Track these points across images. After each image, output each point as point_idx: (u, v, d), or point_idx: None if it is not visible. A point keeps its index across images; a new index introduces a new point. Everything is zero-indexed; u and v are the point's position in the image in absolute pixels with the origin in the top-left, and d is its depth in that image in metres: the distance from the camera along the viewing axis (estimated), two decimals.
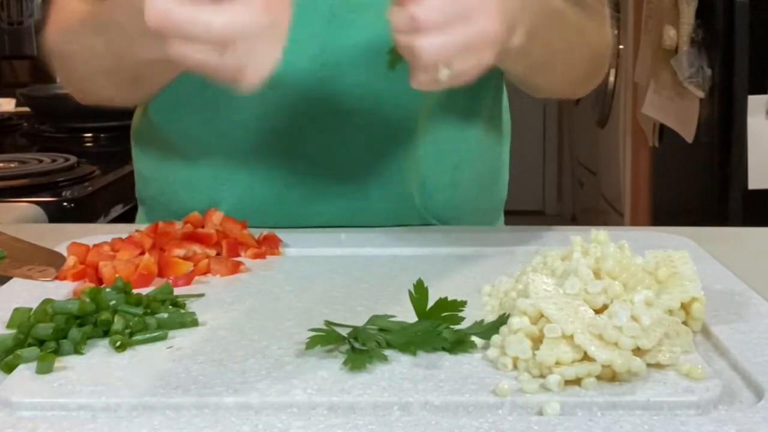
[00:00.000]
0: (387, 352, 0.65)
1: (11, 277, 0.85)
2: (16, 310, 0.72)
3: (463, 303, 0.69)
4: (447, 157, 1.06)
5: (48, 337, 0.67)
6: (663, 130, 2.97)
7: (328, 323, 0.69)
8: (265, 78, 0.71)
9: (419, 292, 0.69)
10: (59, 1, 1.03)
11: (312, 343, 0.66)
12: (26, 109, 2.43)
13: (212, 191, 1.05)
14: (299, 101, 1.00)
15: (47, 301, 0.72)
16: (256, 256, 0.91)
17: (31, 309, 0.72)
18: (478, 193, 1.11)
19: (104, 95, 1.02)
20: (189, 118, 1.05)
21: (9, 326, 0.71)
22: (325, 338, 0.66)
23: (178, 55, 0.70)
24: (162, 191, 1.10)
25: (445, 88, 0.78)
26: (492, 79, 1.09)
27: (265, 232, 0.95)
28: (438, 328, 0.67)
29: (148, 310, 0.73)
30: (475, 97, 1.07)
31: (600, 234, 0.74)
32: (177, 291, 0.79)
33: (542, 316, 0.63)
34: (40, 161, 1.83)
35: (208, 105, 1.03)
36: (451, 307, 0.69)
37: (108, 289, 0.75)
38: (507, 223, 1.20)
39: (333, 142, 1.02)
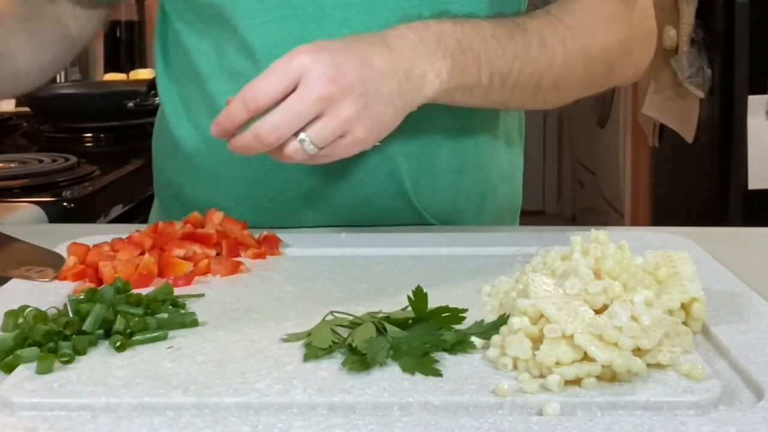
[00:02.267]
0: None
1: (10, 278, 0.85)
2: (6, 313, 0.72)
3: (464, 311, 0.70)
4: (449, 160, 1.05)
5: (46, 339, 0.67)
6: (663, 130, 2.97)
7: (328, 324, 0.69)
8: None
9: (418, 297, 0.69)
10: None
11: (309, 356, 0.66)
12: (26, 109, 2.43)
13: (212, 187, 1.05)
14: None
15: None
16: (256, 256, 0.91)
17: (22, 310, 0.72)
18: (483, 197, 1.10)
19: None
20: (193, 116, 1.05)
21: (3, 329, 0.71)
22: (322, 350, 0.66)
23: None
24: (169, 183, 1.11)
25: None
26: None
27: (265, 232, 0.95)
28: (438, 332, 0.67)
29: (148, 310, 0.73)
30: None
31: (600, 234, 0.74)
32: (177, 291, 0.79)
33: (542, 316, 0.63)
34: (40, 161, 1.83)
35: (209, 102, 1.03)
36: (451, 315, 0.69)
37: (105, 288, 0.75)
38: None
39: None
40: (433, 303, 0.70)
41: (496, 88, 0.94)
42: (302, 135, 0.83)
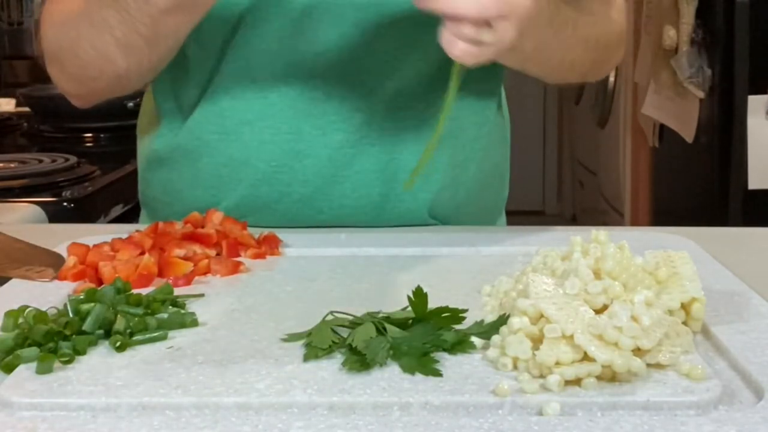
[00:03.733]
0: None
1: (10, 278, 0.85)
2: (6, 313, 0.72)
3: (464, 311, 0.70)
4: (449, 156, 1.06)
5: (46, 339, 0.67)
6: (663, 130, 2.97)
7: (328, 324, 0.69)
8: None
9: (418, 297, 0.69)
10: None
11: (309, 356, 0.66)
12: (26, 109, 2.43)
13: (216, 189, 1.05)
14: (298, 100, 1.01)
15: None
16: (256, 256, 0.91)
17: (22, 310, 0.72)
18: (480, 192, 1.11)
19: (115, 70, 0.98)
20: (195, 117, 1.05)
21: (3, 329, 0.71)
22: (322, 350, 0.66)
23: None
24: (164, 190, 1.10)
25: (476, 62, 0.84)
26: (493, 79, 1.09)
27: (265, 232, 0.95)
28: (438, 332, 0.67)
29: (148, 310, 0.73)
30: (477, 98, 1.07)
31: (600, 234, 0.74)
32: (177, 291, 0.79)
33: (542, 316, 0.63)
34: (40, 161, 1.83)
35: (214, 101, 1.03)
36: (451, 315, 0.69)
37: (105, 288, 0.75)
38: (507, 223, 1.20)
39: (333, 141, 1.02)
40: (433, 303, 0.70)
41: (539, 62, 0.98)
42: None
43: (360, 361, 0.64)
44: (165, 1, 0.89)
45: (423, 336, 0.67)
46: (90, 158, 1.90)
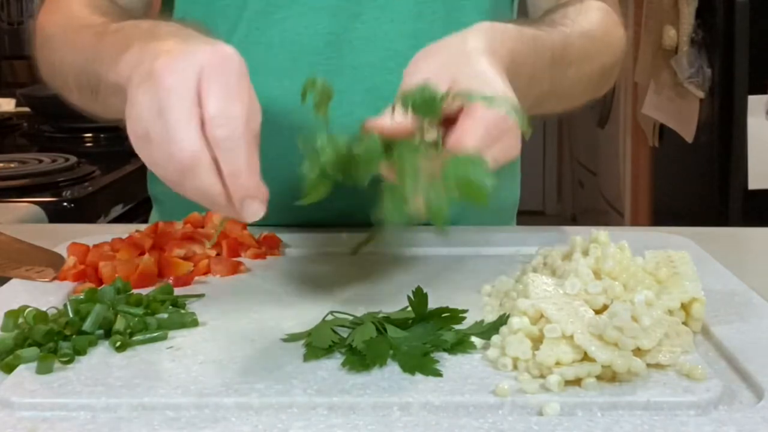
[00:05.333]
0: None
1: (10, 278, 0.85)
2: (6, 313, 0.72)
3: (464, 311, 0.70)
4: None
5: (46, 339, 0.67)
6: (663, 130, 2.97)
7: (328, 324, 0.69)
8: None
9: (418, 297, 0.69)
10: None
11: (309, 356, 0.66)
12: (26, 109, 2.43)
13: None
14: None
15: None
16: (256, 256, 0.91)
17: (22, 310, 0.72)
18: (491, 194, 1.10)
19: (71, 99, 0.99)
20: None
21: (3, 329, 0.71)
22: (322, 350, 0.66)
23: (190, 190, 0.69)
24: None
25: None
26: None
27: (265, 232, 0.95)
28: (438, 332, 0.67)
29: (148, 310, 0.73)
30: None
31: (600, 234, 0.74)
32: (177, 291, 0.79)
33: (542, 316, 0.63)
34: (40, 161, 1.83)
35: None
36: (451, 315, 0.69)
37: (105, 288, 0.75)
38: None
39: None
40: (433, 303, 0.70)
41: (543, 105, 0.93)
42: None
43: (360, 361, 0.64)
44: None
45: (423, 336, 0.67)
46: (90, 158, 1.90)
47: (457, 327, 0.69)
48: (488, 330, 0.68)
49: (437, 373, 0.62)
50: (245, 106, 0.67)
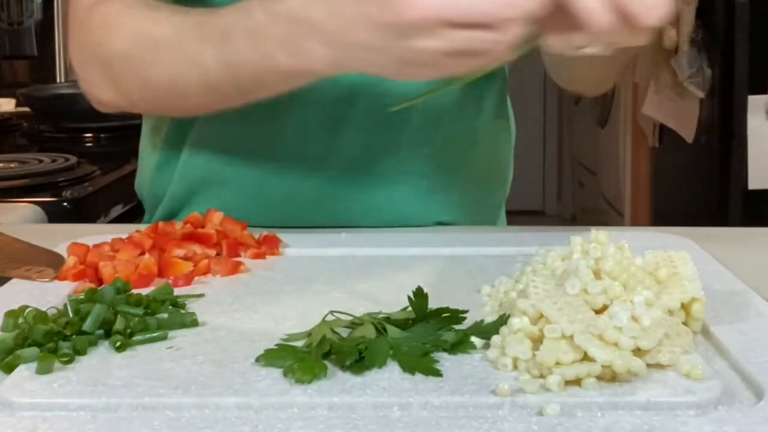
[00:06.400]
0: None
1: (10, 278, 0.85)
2: (6, 313, 0.72)
3: (464, 311, 0.70)
4: (454, 157, 1.06)
5: (46, 339, 0.67)
6: (663, 130, 2.97)
7: (327, 324, 0.69)
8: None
9: (418, 297, 0.69)
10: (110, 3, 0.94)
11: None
12: (26, 109, 2.43)
13: (221, 187, 1.05)
14: (307, 102, 1.00)
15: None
16: (256, 256, 0.91)
17: (22, 310, 0.72)
18: (483, 191, 1.11)
19: (184, 105, 0.93)
20: (205, 122, 1.05)
21: (3, 329, 0.71)
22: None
23: (426, 52, 0.68)
24: (173, 198, 1.10)
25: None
26: (497, 80, 1.09)
27: (265, 232, 0.95)
28: (438, 332, 0.67)
29: (148, 310, 0.73)
30: (481, 97, 1.07)
31: (600, 234, 0.74)
32: (177, 291, 0.79)
33: (542, 316, 0.63)
34: (40, 161, 1.83)
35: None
36: (451, 315, 0.69)
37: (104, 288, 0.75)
38: (507, 223, 1.20)
39: (340, 142, 1.02)
40: (433, 303, 0.70)
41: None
42: None
43: (360, 361, 0.64)
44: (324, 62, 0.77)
45: (423, 336, 0.67)
46: (90, 158, 1.90)
47: (457, 327, 0.69)
48: (488, 330, 0.67)
49: (437, 373, 0.62)
50: None
